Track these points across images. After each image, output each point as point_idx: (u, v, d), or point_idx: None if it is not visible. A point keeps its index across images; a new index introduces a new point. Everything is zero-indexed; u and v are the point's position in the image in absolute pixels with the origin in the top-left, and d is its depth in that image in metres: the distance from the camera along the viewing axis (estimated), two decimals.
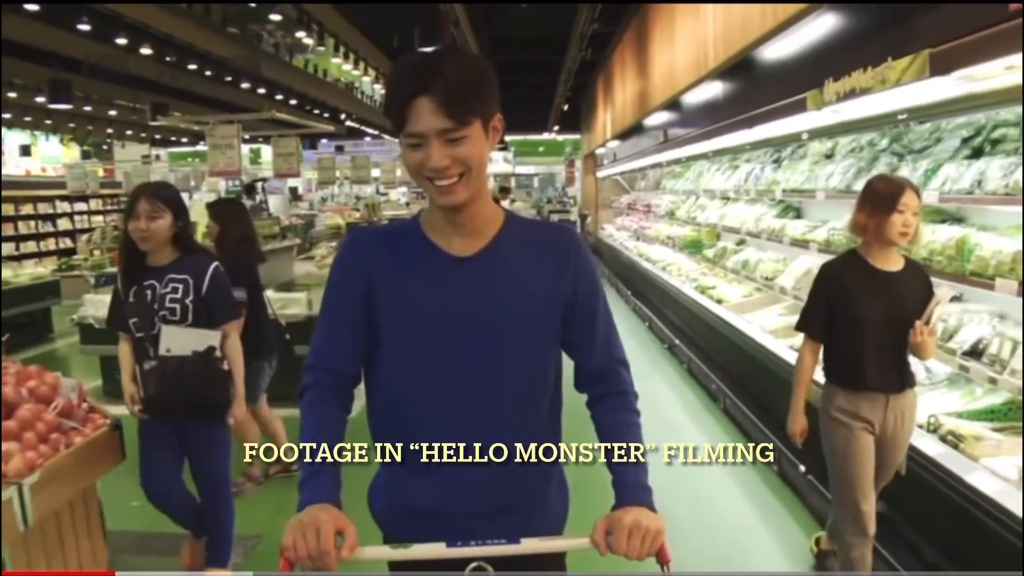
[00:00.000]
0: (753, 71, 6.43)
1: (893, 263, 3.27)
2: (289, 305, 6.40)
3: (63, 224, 18.50)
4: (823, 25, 4.80)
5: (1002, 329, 3.79)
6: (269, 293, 6.44)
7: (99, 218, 18.99)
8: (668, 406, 6.76)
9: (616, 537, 1.57)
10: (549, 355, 1.77)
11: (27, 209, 17.38)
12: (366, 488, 1.81)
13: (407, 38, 12.66)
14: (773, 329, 5.91)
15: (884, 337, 3.18)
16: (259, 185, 14.32)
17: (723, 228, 8.10)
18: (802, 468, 4.52)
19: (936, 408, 3.87)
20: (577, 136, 28.18)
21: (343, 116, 15.55)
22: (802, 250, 5.95)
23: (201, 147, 25.65)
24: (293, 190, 21.31)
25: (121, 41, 10.12)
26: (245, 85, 14.65)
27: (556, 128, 28.24)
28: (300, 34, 12.55)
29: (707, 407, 6.64)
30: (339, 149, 21.19)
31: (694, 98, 8.46)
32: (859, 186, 4.90)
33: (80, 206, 19.01)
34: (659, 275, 9.82)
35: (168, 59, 11.65)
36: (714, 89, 7.63)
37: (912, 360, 3.28)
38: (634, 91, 12.35)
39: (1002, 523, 2.94)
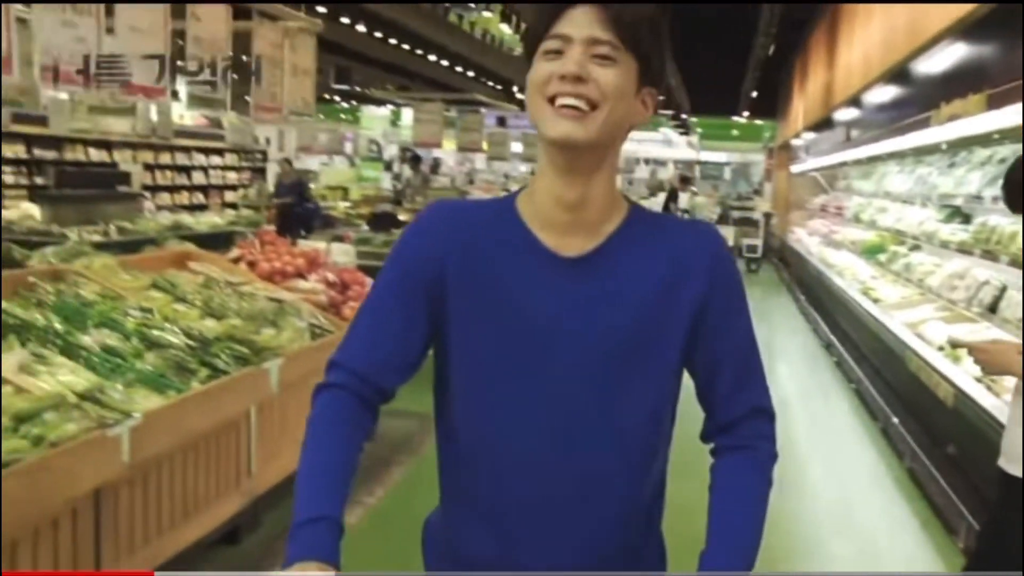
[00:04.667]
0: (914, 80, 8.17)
1: None
2: None
3: (197, 178, 19.54)
4: (956, 52, 6.56)
5: None
6: None
7: (232, 175, 20.57)
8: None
9: None
10: (664, 390, 1.65)
11: (165, 159, 18.29)
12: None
13: None
14: (912, 323, 7.49)
15: None
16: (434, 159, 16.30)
17: (896, 232, 9.62)
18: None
19: None
20: (774, 122, 28.44)
21: (516, 88, 17.13)
22: (957, 253, 7.45)
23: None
24: (436, 161, 23.29)
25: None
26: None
27: (747, 114, 28.85)
28: None
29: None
30: (501, 122, 21.82)
31: (872, 98, 10.17)
32: (989, 193, 6.52)
33: (215, 160, 20.16)
34: (836, 282, 10.95)
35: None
36: (888, 92, 9.35)
37: None
38: (822, 83, 13.90)
39: None
